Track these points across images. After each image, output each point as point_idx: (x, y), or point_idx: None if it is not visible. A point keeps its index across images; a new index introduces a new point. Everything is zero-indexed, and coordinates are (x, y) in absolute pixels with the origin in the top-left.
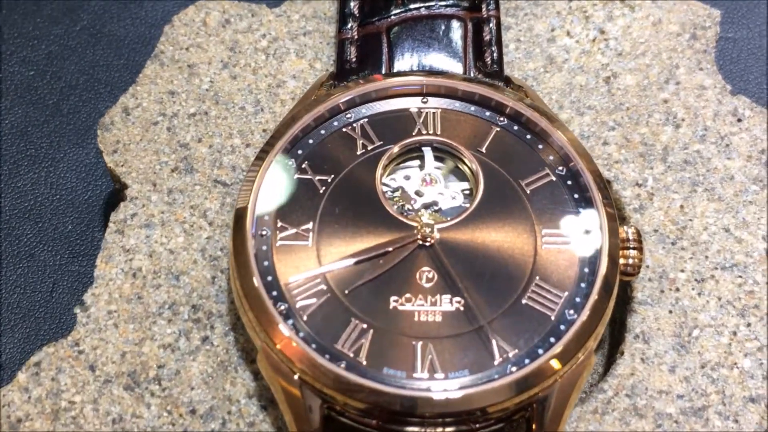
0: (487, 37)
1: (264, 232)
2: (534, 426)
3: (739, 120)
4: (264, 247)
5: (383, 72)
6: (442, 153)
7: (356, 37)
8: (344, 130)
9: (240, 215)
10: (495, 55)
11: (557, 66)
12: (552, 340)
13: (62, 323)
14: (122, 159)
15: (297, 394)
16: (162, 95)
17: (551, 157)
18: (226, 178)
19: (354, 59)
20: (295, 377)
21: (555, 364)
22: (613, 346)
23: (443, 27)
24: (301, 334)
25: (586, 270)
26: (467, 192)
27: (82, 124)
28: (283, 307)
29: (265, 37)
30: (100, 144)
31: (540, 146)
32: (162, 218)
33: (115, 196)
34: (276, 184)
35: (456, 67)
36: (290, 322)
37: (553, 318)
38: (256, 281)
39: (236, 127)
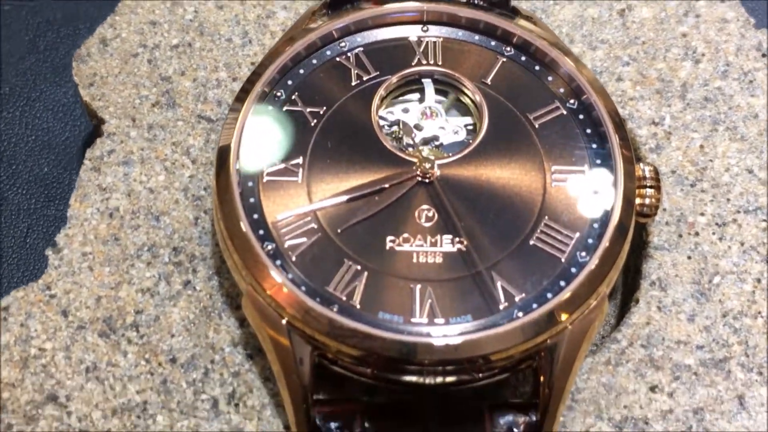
0: None
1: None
2: (542, 377)
3: (764, 55)
4: (250, 184)
5: None
6: (443, 85)
7: None
8: (338, 59)
9: (224, 150)
10: None
11: None
12: (562, 283)
13: (36, 269)
14: (99, 93)
15: (285, 341)
16: (143, 26)
17: (562, 90)
18: (210, 113)
19: None
20: (284, 322)
21: (565, 309)
22: (627, 295)
23: None
24: (290, 276)
25: (599, 209)
26: (470, 127)
27: (59, 62)
28: (270, 247)
29: None
30: (76, 77)
31: (549, 78)
32: (141, 155)
33: (94, 135)
34: (263, 116)
35: None
36: (278, 263)
37: (563, 260)
38: (242, 219)
39: (222, 60)
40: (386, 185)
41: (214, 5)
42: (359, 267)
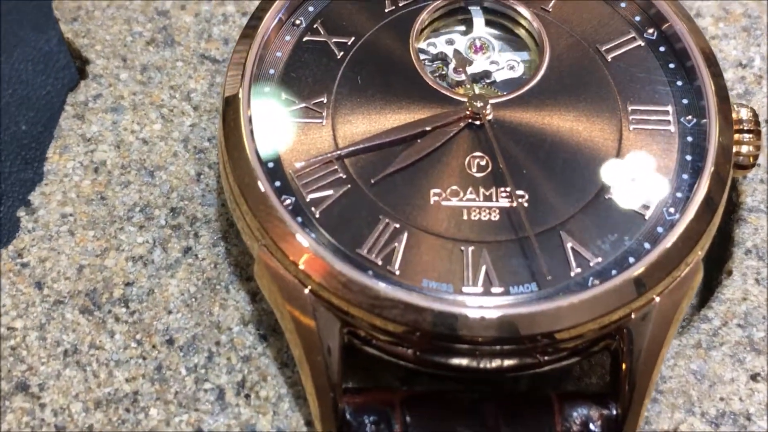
0: None
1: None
2: (623, 364)
3: None
4: (264, 127)
5: None
6: (494, 15)
7: None
8: None
9: (232, 92)
10: None
11: None
12: (647, 245)
13: (6, 234)
14: (84, 29)
15: (308, 317)
16: None
17: (638, 18)
18: (216, 53)
19: None
20: (306, 292)
21: (651, 277)
22: (715, 265)
23: None
24: (314, 236)
25: (689, 157)
26: (528, 62)
27: (42, 5)
28: (289, 201)
29: None
30: (56, 11)
31: (623, 4)
32: (134, 100)
33: (78, 80)
34: (279, 47)
35: None
36: (299, 219)
37: (647, 217)
38: (254, 169)
39: None
40: (428, 128)
41: None
42: (398, 225)
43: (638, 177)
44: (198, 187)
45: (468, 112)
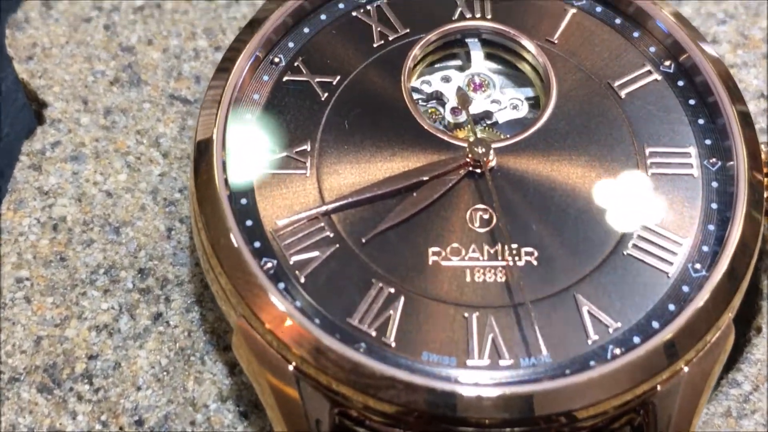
0: None
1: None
2: None
3: None
4: (241, 181)
5: None
6: (494, 46)
7: None
8: (354, 14)
9: (205, 138)
10: None
11: None
12: (672, 307)
13: None
14: (41, 68)
15: (293, 394)
16: None
17: (653, 48)
18: (186, 92)
19: None
20: (291, 368)
21: (679, 344)
22: (744, 319)
23: None
24: (298, 304)
25: (715, 205)
26: (532, 101)
27: None
28: (270, 264)
29: None
30: (11, 48)
31: (636, 34)
32: (96, 148)
33: (34, 124)
34: (256, 89)
35: None
36: (281, 286)
37: (671, 276)
38: (231, 228)
39: (201, 25)
40: (426, 177)
41: None
42: (393, 290)
43: (659, 229)
44: (169, 245)
45: (468, 159)
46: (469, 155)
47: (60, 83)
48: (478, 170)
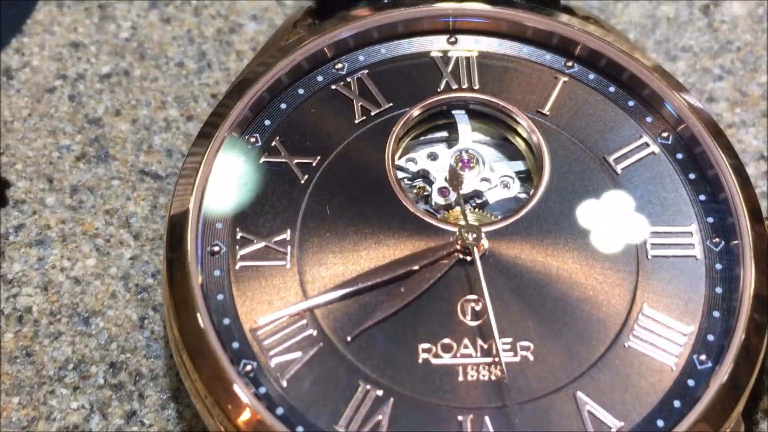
0: None
1: (217, 248)
2: None
3: None
4: (217, 272)
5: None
6: (482, 119)
7: None
8: (334, 87)
9: (178, 223)
10: None
11: None
12: (677, 404)
13: None
14: (2, 144)
15: None
16: (61, 49)
17: (649, 119)
18: (157, 167)
19: None
20: None
21: None
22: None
23: None
24: (280, 411)
25: (720, 290)
26: (523, 175)
27: None
28: (249, 367)
29: None
30: None
31: (631, 103)
32: (62, 231)
33: None
34: (232, 173)
35: None
36: (262, 390)
37: (674, 368)
38: (205, 327)
39: (172, 92)
40: (415, 267)
41: (157, 18)
42: (381, 392)
43: (661, 317)
44: (142, 335)
45: (458, 246)
46: (459, 242)
47: (23, 160)
48: (469, 258)
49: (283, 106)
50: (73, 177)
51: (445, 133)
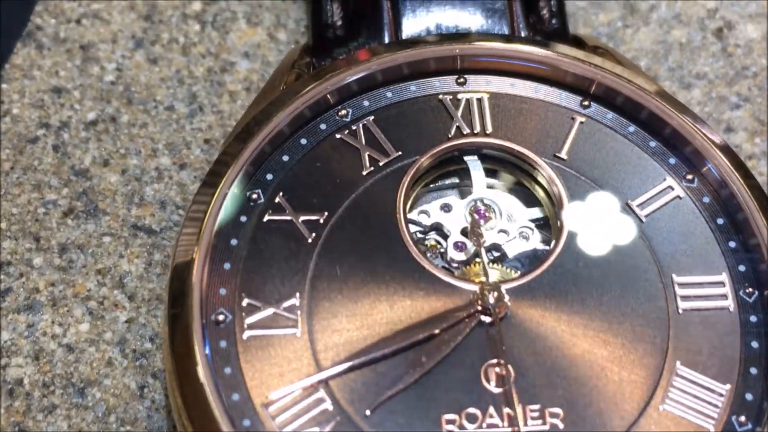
0: None
1: (222, 317)
2: None
3: None
4: (223, 343)
5: (387, 40)
6: (496, 162)
7: None
8: (338, 136)
9: (179, 290)
10: (554, 3)
11: (642, 16)
12: None
13: None
14: None
15: None
16: (42, 95)
17: (672, 160)
18: (151, 221)
19: (339, 22)
20: None
21: None
22: None
23: None
24: None
25: (756, 344)
26: (541, 221)
27: None
28: None
29: None
30: None
31: (652, 143)
32: (52, 294)
33: None
34: (235, 233)
35: (498, 25)
36: None
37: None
38: (213, 403)
39: (162, 139)
40: (436, 331)
41: (144, 58)
42: None
43: (696, 376)
44: (142, 405)
45: (479, 307)
46: (480, 302)
47: (7, 218)
48: (490, 318)
49: (286, 158)
50: (61, 234)
51: (456, 179)
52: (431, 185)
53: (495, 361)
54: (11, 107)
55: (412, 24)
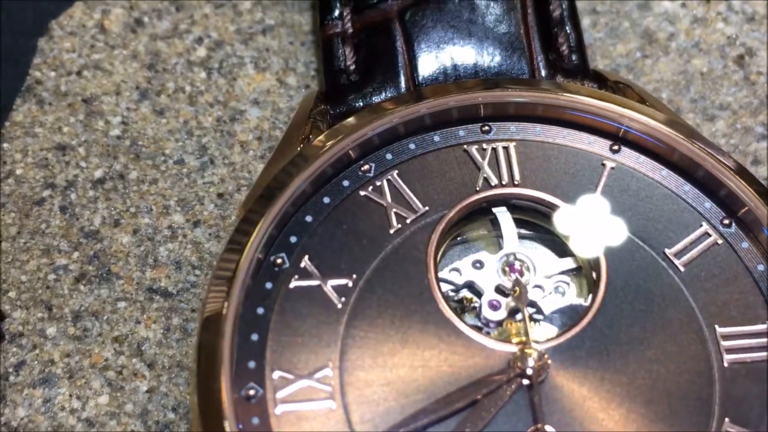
0: (557, 12)
1: (252, 392)
2: None
3: None
4: (256, 420)
5: (403, 83)
6: (526, 213)
7: (351, 30)
8: (363, 193)
9: (208, 362)
10: (572, 38)
11: (660, 46)
12: None
13: None
14: None
15: None
16: (46, 153)
17: (708, 204)
18: (167, 282)
19: (352, 67)
20: None
21: None
22: None
23: (487, 3)
24: None
25: None
26: (574, 272)
27: None
28: None
29: (202, 42)
30: None
31: (686, 187)
32: (68, 365)
33: None
34: (260, 301)
35: (517, 65)
36: None
37: None
38: None
39: (174, 195)
40: (478, 396)
41: (150, 110)
42: None
43: None
44: None
45: (518, 370)
46: (519, 365)
47: (16, 286)
48: (529, 381)
49: (309, 218)
50: (74, 302)
51: (486, 231)
52: (459, 238)
53: (538, 426)
54: (14, 168)
55: (429, 66)
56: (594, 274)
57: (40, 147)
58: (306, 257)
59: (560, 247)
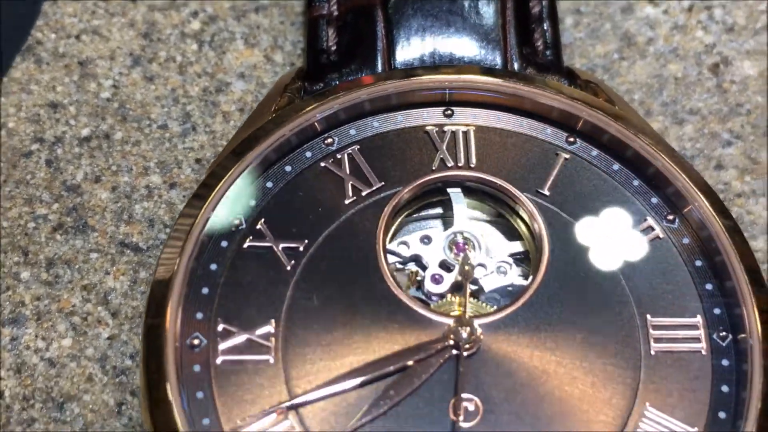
0: (536, 9)
1: (197, 341)
2: None
3: None
4: (197, 367)
5: (380, 66)
6: (478, 197)
7: (336, 13)
8: (323, 164)
9: (156, 312)
10: (549, 35)
11: (638, 50)
12: None
13: None
14: None
15: None
16: (38, 109)
17: (654, 200)
18: (138, 239)
19: (333, 48)
20: None
21: None
22: None
23: None
24: None
25: (726, 388)
26: (520, 256)
27: None
28: None
29: (197, 15)
30: None
31: (635, 182)
32: (37, 308)
33: None
34: (214, 257)
35: (491, 55)
36: None
37: None
38: (183, 428)
39: (154, 157)
40: (409, 362)
41: (140, 76)
42: None
43: (665, 419)
44: (119, 422)
45: (452, 341)
46: (452, 336)
47: None
48: (463, 352)
49: (269, 184)
50: (49, 249)
51: (439, 210)
52: (415, 215)
53: (465, 396)
54: (7, 120)
55: (406, 52)
56: (536, 258)
57: (33, 103)
58: (262, 220)
59: (509, 228)
